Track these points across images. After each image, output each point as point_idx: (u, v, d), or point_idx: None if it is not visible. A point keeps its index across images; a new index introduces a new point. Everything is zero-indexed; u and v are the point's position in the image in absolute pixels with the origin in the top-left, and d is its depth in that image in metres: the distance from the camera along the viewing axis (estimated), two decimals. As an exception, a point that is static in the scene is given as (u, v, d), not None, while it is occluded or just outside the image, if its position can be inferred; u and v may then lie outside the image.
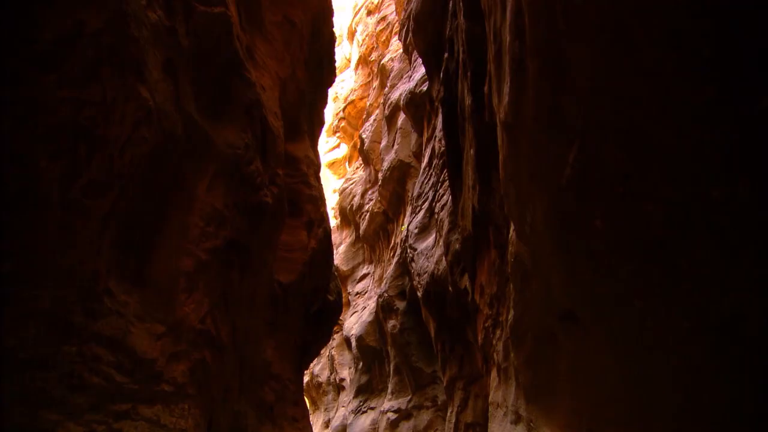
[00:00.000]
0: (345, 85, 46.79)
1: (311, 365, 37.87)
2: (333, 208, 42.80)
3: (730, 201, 1.63)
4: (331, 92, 38.43)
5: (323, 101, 16.99)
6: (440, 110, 15.55)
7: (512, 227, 4.15)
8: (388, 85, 31.27)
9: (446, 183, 15.83)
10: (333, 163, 52.49)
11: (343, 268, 37.06)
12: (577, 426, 2.85)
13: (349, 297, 35.58)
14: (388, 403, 25.58)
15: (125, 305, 6.56)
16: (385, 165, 29.53)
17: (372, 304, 29.63)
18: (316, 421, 37.52)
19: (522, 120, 3.28)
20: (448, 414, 18.65)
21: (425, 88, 22.95)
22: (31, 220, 5.34)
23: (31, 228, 5.41)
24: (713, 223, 1.61)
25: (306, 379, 38.19)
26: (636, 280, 1.76)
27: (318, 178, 14.98)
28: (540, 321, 3.46)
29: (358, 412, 29.84)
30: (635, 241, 1.85)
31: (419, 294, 19.83)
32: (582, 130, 2.31)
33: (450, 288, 15.40)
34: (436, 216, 18.02)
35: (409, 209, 24.59)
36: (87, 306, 6.04)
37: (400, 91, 27.64)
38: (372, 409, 28.78)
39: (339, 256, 37.11)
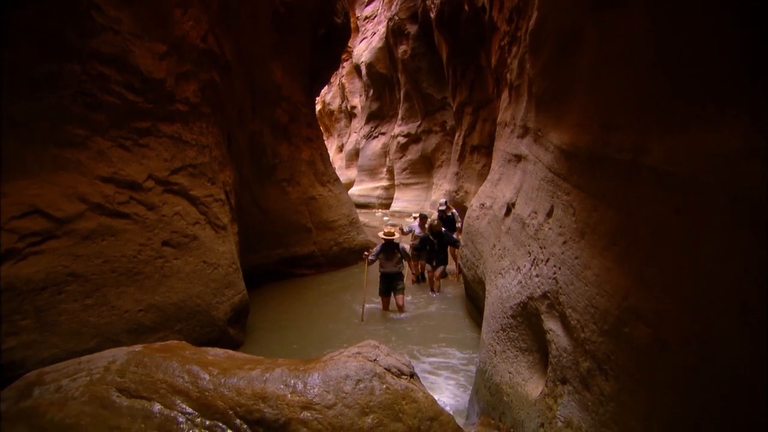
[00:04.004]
0: None
1: (322, 93, 38.37)
2: None
3: None
4: None
5: None
6: None
7: None
8: None
9: None
10: None
11: (349, -12, 33.82)
12: (589, 124, 2.85)
13: (358, 22, 33.54)
14: (398, 128, 26.73)
15: (118, 21, 6.16)
16: None
17: (382, 29, 28.10)
18: (330, 146, 40.16)
19: None
20: (456, 137, 19.59)
21: None
22: None
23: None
24: None
25: (318, 107, 39.26)
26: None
27: None
28: (566, 17, 3.15)
29: (369, 137, 31.50)
30: None
31: (432, 15, 18.48)
32: None
33: (466, 6, 14.20)
34: None
35: None
36: (77, 22, 5.69)
37: None
38: (383, 134, 30.27)
39: (344, -27, 33.44)
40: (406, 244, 9.23)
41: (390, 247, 8.54)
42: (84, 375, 3.66)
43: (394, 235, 8.60)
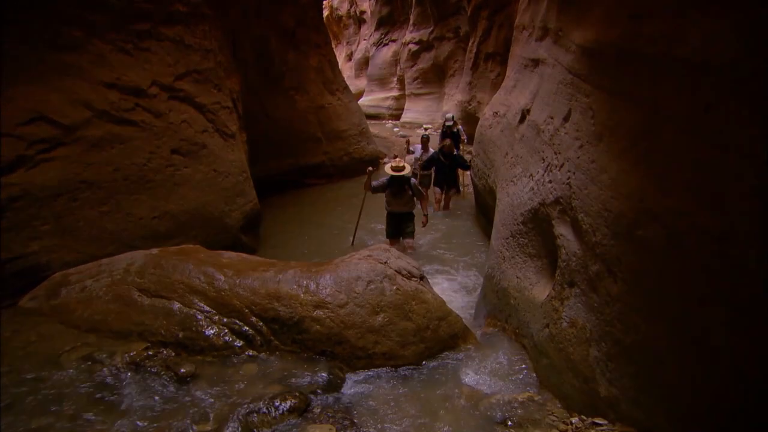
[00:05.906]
0: None
1: (329, -4, 36.17)
2: None
3: None
4: None
5: None
6: None
7: None
8: None
9: None
10: None
11: None
12: (617, 16, 2.65)
13: None
14: (409, 35, 25.51)
15: None
16: None
17: None
18: (339, 54, 38.47)
19: None
20: (470, 44, 18.67)
21: None
22: None
23: None
24: None
25: (325, 13, 37.20)
26: None
27: None
28: None
29: (379, 44, 30.15)
30: None
31: None
32: None
33: None
34: None
35: None
36: None
37: None
38: (393, 41, 28.93)
39: None
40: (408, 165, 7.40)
41: (399, 183, 6.82)
42: (106, 276, 3.80)
43: (404, 169, 6.86)
